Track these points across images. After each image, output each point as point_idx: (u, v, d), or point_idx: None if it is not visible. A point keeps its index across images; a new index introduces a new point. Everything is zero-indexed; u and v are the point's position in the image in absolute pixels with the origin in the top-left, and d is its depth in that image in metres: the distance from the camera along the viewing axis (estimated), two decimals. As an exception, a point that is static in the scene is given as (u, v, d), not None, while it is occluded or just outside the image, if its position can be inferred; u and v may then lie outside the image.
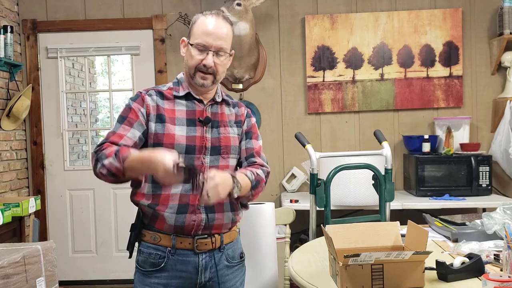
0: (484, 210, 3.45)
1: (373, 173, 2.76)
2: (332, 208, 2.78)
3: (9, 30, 3.75)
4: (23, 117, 3.95)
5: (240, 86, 4.13)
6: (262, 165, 1.84)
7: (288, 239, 2.77)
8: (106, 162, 1.60)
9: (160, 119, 1.73)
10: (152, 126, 1.72)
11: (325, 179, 2.69)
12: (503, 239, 1.74)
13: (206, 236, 1.74)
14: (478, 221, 2.24)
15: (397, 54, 4.09)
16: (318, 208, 2.74)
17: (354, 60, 4.10)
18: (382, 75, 4.10)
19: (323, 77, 4.11)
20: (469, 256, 1.76)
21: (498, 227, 2.09)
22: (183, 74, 1.83)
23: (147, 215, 1.74)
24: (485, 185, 3.66)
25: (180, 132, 1.72)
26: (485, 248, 1.94)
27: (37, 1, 4.17)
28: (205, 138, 1.75)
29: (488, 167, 3.66)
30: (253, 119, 1.93)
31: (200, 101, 1.79)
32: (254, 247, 2.53)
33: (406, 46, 4.08)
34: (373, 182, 2.80)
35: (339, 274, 1.58)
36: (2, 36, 3.70)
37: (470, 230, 2.22)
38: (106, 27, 4.18)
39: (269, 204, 2.66)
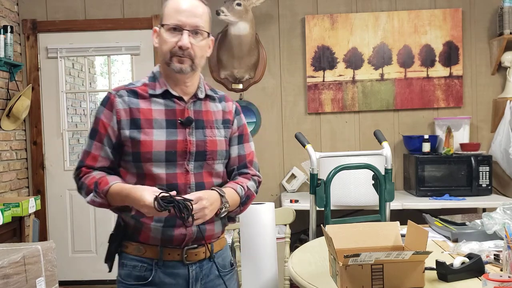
0: (484, 210, 3.45)
1: (373, 173, 2.76)
2: (332, 208, 2.78)
3: (9, 30, 3.75)
4: (23, 117, 3.95)
5: (240, 86, 4.13)
6: (254, 175, 1.71)
7: (288, 239, 2.77)
8: (88, 199, 1.52)
9: (135, 124, 1.52)
10: (126, 133, 1.52)
11: (325, 179, 2.68)
12: (503, 239, 1.74)
13: (196, 246, 1.58)
14: (478, 221, 2.24)
15: (397, 54, 4.08)
16: (318, 208, 2.74)
17: (354, 60, 4.10)
18: (382, 75, 4.09)
19: (323, 77, 4.11)
20: (469, 256, 1.76)
21: (498, 227, 2.09)
22: (160, 66, 1.61)
23: (130, 226, 1.59)
24: (485, 185, 3.66)
25: (158, 137, 1.52)
26: (485, 248, 1.94)
27: (37, 1, 4.17)
28: (189, 142, 1.54)
29: (488, 167, 3.66)
30: (243, 117, 1.72)
31: (181, 98, 1.57)
32: (254, 247, 2.53)
33: (406, 46, 4.08)
34: (373, 182, 2.80)
35: (339, 274, 1.58)
36: (2, 36, 3.70)
37: (470, 230, 2.21)
38: (106, 27, 4.18)
39: (269, 204, 2.65)
